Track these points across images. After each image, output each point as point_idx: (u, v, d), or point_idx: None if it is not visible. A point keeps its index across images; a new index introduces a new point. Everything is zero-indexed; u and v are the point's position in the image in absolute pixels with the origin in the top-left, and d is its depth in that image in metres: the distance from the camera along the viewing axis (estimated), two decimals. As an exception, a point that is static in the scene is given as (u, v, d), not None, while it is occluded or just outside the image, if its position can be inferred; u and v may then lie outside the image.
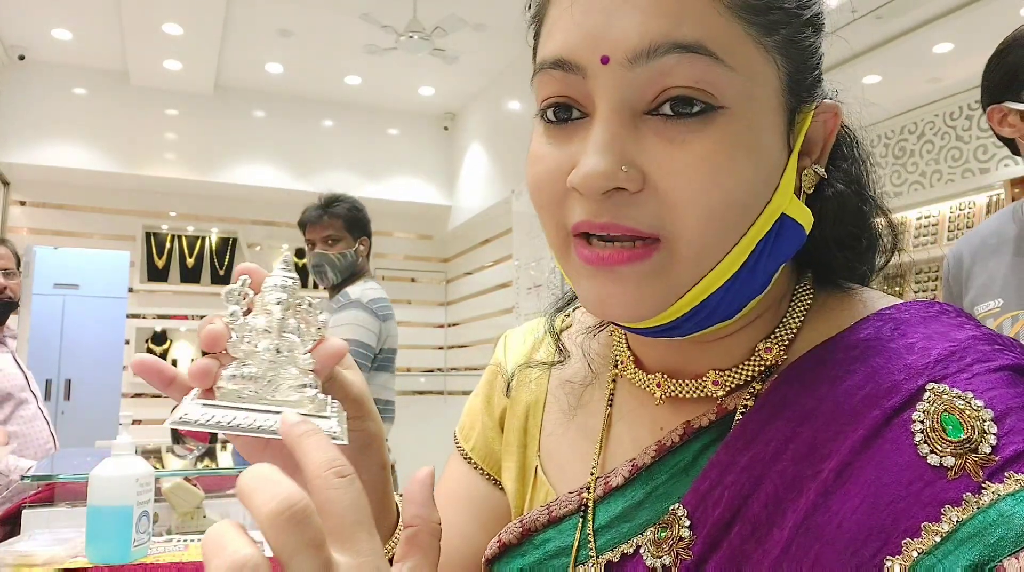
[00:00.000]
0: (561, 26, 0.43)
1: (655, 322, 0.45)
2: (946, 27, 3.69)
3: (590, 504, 0.52)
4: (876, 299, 0.50)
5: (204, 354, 0.41)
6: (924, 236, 4.90)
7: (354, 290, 2.46)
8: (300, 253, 4.91)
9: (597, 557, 0.50)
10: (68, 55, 5.64)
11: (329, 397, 0.41)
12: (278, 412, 0.37)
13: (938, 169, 4.65)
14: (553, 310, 0.66)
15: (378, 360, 2.43)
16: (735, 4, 0.41)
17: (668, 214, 0.41)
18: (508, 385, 0.64)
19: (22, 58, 5.57)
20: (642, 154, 0.41)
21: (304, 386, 0.39)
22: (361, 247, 2.57)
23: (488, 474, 0.64)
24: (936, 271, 4.86)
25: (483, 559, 0.57)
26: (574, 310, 0.65)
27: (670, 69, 0.40)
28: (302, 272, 4.72)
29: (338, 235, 2.54)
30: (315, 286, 2.87)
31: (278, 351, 0.39)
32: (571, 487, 0.54)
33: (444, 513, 0.61)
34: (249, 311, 0.40)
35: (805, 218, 0.46)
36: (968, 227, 4.62)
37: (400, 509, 0.53)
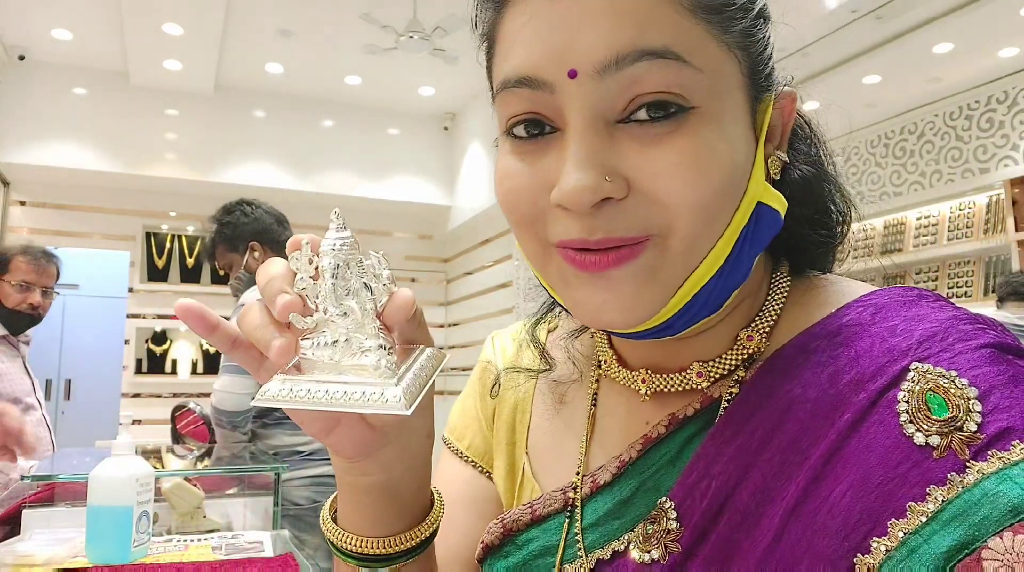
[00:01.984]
0: (521, 42, 0.43)
1: (649, 325, 0.45)
2: (946, 27, 3.69)
3: (577, 503, 0.52)
4: (854, 287, 0.50)
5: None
6: (924, 236, 4.90)
7: (245, 295, 2.14)
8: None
9: (587, 556, 0.49)
10: (68, 55, 5.64)
11: (420, 349, 0.42)
12: (351, 383, 0.38)
13: (938, 169, 4.65)
14: (532, 322, 0.65)
15: None
16: (694, 5, 0.42)
17: (658, 213, 0.42)
18: (495, 385, 0.64)
19: (22, 58, 5.57)
20: (622, 162, 0.42)
21: (378, 348, 0.39)
22: (254, 254, 2.29)
23: (487, 471, 0.64)
24: (936, 271, 4.86)
25: (476, 559, 0.57)
26: (559, 314, 0.65)
27: (640, 76, 0.40)
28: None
29: (227, 261, 2.32)
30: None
31: (345, 314, 0.39)
32: (557, 485, 0.54)
33: (447, 515, 0.61)
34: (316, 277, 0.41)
35: (779, 203, 0.47)
36: (968, 227, 4.61)
37: (436, 495, 0.52)
